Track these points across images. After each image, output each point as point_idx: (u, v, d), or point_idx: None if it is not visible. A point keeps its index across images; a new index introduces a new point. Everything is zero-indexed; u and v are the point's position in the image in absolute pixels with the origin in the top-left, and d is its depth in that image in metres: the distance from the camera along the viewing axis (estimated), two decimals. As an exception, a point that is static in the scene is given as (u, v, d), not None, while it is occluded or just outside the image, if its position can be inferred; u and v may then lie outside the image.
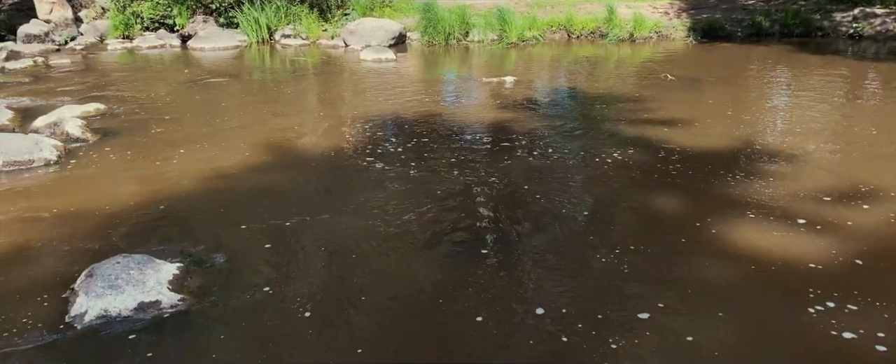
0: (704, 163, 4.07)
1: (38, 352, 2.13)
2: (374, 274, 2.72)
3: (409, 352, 2.16)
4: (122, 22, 11.12)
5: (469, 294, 2.51)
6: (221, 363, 2.09)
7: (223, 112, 6.01)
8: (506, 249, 2.94)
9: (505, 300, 2.46)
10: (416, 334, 2.27)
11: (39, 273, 2.75)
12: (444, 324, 2.32)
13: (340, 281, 2.67)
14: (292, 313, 2.39)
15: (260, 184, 3.90)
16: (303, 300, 2.48)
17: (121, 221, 3.32)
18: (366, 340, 2.23)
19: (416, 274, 2.71)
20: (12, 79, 7.77)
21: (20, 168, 4.17)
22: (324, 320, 2.34)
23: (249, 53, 10.14)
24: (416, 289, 2.58)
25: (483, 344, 2.19)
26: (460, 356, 2.14)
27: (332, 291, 2.57)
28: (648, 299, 2.43)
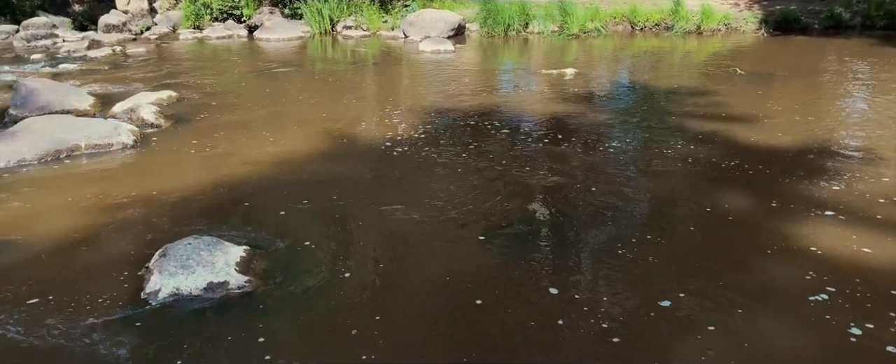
0: (775, 161, 3.91)
1: (117, 325, 2.25)
2: (429, 263, 2.75)
3: (465, 346, 2.17)
4: (194, 13, 11.58)
5: (522, 287, 2.50)
6: (284, 343, 2.16)
7: (286, 101, 6.17)
8: (562, 244, 2.91)
9: (560, 295, 2.44)
10: (470, 326, 2.29)
11: (118, 251, 2.91)
12: (496, 315, 2.33)
13: (395, 268, 2.71)
14: (349, 298, 2.44)
15: (320, 170, 3.99)
16: (359, 286, 2.54)
17: (190, 204, 3.47)
18: (417, 327, 2.26)
19: (470, 265, 2.72)
20: (93, 66, 8.22)
21: (100, 151, 4.42)
22: (378, 306, 2.39)
23: (312, 44, 10.37)
24: (471, 280, 2.59)
25: (536, 341, 2.18)
26: (511, 350, 2.13)
27: (387, 278, 2.61)
28: (710, 304, 2.36)
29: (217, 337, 2.19)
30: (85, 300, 2.43)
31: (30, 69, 8.00)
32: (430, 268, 2.70)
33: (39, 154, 4.20)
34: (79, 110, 5.48)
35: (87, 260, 2.82)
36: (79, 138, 4.41)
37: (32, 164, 4.11)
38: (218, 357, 2.09)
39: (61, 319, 2.29)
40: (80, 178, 3.93)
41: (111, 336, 2.19)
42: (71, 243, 2.98)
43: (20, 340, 2.17)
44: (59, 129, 4.45)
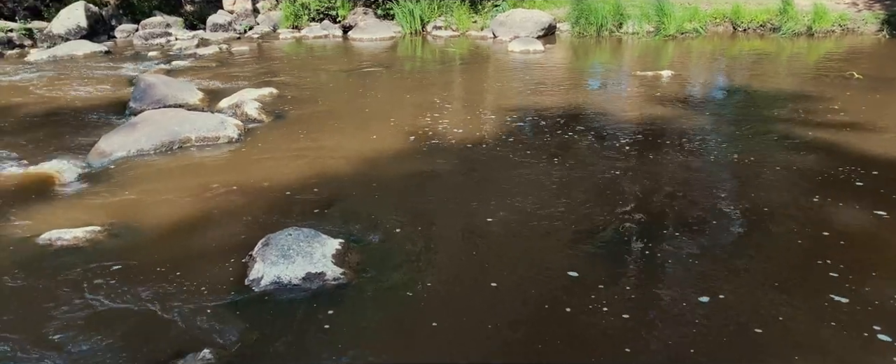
0: (893, 174, 3.60)
1: (224, 308, 2.40)
2: (515, 265, 2.74)
3: (550, 351, 2.15)
4: (293, 13, 12.10)
5: (607, 294, 2.44)
6: (374, 335, 2.23)
7: (376, 99, 6.33)
8: (651, 253, 2.82)
9: (647, 306, 2.36)
10: (554, 332, 2.26)
11: (224, 238, 3.09)
12: (581, 320, 2.28)
13: (480, 269, 2.72)
14: (435, 295, 2.49)
15: (409, 168, 4.07)
16: (445, 284, 2.57)
17: (288, 196, 3.64)
18: (499, 329, 2.26)
19: (558, 269, 2.69)
20: (202, 63, 8.78)
21: (208, 143, 4.72)
22: (462, 305, 2.41)
23: (403, 44, 10.58)
24: (558, 284, 2.56)
25: (621, 348, 2.12)
26: (592, 355, 2.09)
27: (473, 279, 2.63)
28: (810, 327, 2.20)
29: (314, 325, 2.29)
30: (195, 282, 2.60)
31: (147, 66, 8.66)
32: (515, 270, 2.69)
33: (156, 145, 4.55)
34: (189, 105, 5.87)
35: (196, 244, 3.02)
36: (190, 131, 4.73)
37: (150, 154, 4.45)
38: (314, 344, 2.18)
39: (175, 299, 2.47)
40: (191, 169, 4.21)
41: (219, 318, 2.33)
42: (182, 228, 3.20)
43: (137, 317, 2.36)
44: (173, 122, 4.80)
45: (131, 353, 2.12)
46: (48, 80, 7.52)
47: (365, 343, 2.18)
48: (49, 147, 4.66)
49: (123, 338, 2.21)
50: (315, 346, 2.17)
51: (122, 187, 3.79)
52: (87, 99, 6.47)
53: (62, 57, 9.34)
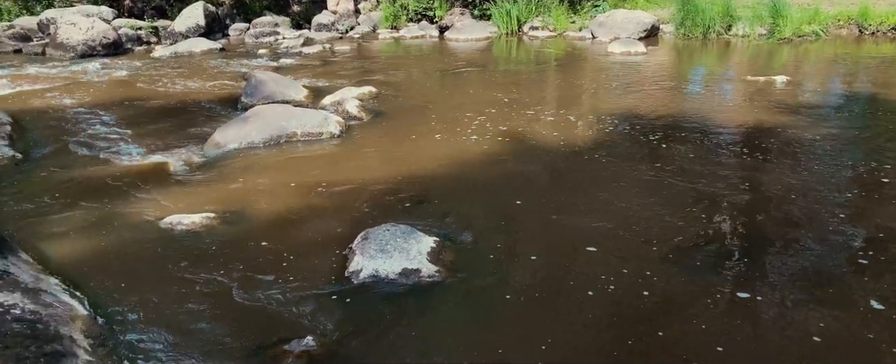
0: None
1: (325, 298, 2.51)
2: (607, 274, 2.67)
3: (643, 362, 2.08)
4: (392, 13, 12.42)
5: (700, 315, 2.32)
6: (465, 333, 2.25)
7: (471, 99, 6.37)
8: (749, 272, 2.65)
9: (743, 330, 2.22)
10: (648, 340, 2.18)
11: (324, 230, 3.23)
12: (672, 340, 2.18)
13: (572, 275, 2.66)
14: (526, 299, 2.47)
15: (501, 170, 4.07)
16: (536, 288, 2.55)
17: (385, 192, 3.74)
18: (587, 338, 2.20)
19: (648, 281, 2.59)
20: (306, 62, 9.20)
21: (312, 139, 4.93)
22: (552, 312, 2.38)
23: (498, 44, 10.58)
24: (646, 297, 2.47)
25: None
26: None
27: (564, 285, 2.59)
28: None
29: (409, 319, 2.34)
30: (299, 271, 2.73)
31: (256, 63, 9.19)
32: (607, 279, 2.62)
33: (264, 138, 4.81)
34: (295, 101, 6.17)
35: (300, 235, 3.17)
36: (295, 126, 4.97)
37: (259, 147, 4.72)
38: (409, 338, 2.23)
39: (280, 286, 2.61)
40: (296, 162, 4.42)
41: (320, 307, 2.44)
42: (287, 218, 3.37)
43: (247, 301, 2.51)
44: (281, 117, 5.06)
45: (242, 334, 2.26)
46: (170, 74, 8.15)
47: (458, 341, 2.21)
48: (170, 137, 5.05)
49: (235, 319, 2.36)
50: (410, 341, 2.21)
51: (234, 177, 4.05)
52: (204, 93, 6.95)
53: (182, 53, 10.08)
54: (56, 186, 3.88)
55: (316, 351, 2.12)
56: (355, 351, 2.17)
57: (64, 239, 3.12)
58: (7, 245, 2.51)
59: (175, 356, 2.13)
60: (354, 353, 2.16)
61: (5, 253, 2.42)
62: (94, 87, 7.37)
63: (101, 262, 2.86)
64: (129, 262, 2.85)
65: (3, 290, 2.04)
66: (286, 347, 2.12)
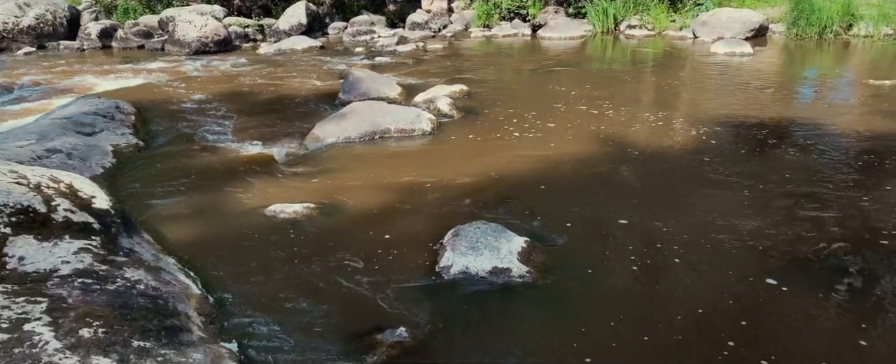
0: None
1: (416, 291, 2.57)
2: (700, 282, 2.55)
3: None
4: (485, 12, 12.45)
5: (806, 334, 2.16)
6: (558, 336, 2.22)
7: (562, 99, 6.27)
8: (863, 292, 2.43)
9: (852, 355, 2.05)
10: (748, 348, 2.06)
11: (415, 224, 3.29)
12: (771, 358, 2.05)
13: (665, 285, 2.57)
14: (615, 306, 2.41)
15: (592, 172, 3.99)
16: (627, 295, 2.48)
17: (475, 190, 3.76)
18: (683, 342, 2.11)
19: (745, 293, 2.44)
20: (400, 60, 9.41)
21: (405, 135, 5.04)
22: (641, 321, 2.30)
23: (593, 43, 10.35)
24: (744, 310, 2.33)
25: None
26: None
27: (656, 292, 2.50)
28: None
29: (499, 318, 2.35)
30: (391, 263, 2.81)
31: (353, 60, 9.50)
32: (704, 289, 2.51)
33: (361, 134, 4.97)
34: (390, 98, 6.32)
35: (392, 228, 3.25)
36: (390, 123, 5.10)
37: (355, 142, 4.88)
38: (499, 337, 2.23)
39: (374, 277, 2.69)
40: (389, 157, 4.54)
41: (412, 299, 2.49)
42: (381, 212, 3.47)
43: (343, 290, 2.61)
44: (376, 114, 5.21)
45: (338, 320, 2.36)
46: (273, 70, 8.59)
47: (547, 343, 2.19)
48: (273, 130, 5.32)
49: (332, 305, 2.46)
50: (500, 340, 2.22)
51: (331, 170, 4.21)
52: (304, 88, 7.28)
53: (285, 50, 10.59)
54: (172, 172, 4.20)
55: (408, 343, 2.17)
56: (446, 345, 2.20)
57: (178, 221, 3.37)
58: (132, 225, 2.74)
59: (277, 337, 2.25)
60: (445, 348, 2.19)
61: (131, 233, 2.65)
62: (205, 81, 7.90)
63: (210, 244, 3.07)
64: (236, 246, 3.04)
65: (129, 267, 2.23)
66: (380, 336, 2.19)
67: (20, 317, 1.68)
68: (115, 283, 2.05)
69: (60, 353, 1.56)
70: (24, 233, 2.18)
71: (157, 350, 1.74)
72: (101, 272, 2.09)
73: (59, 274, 2.00)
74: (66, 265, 2.07)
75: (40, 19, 11.63)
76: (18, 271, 1.96)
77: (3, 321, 1.63)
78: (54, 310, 1.75)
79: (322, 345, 2.20)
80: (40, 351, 1.55)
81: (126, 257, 2.33)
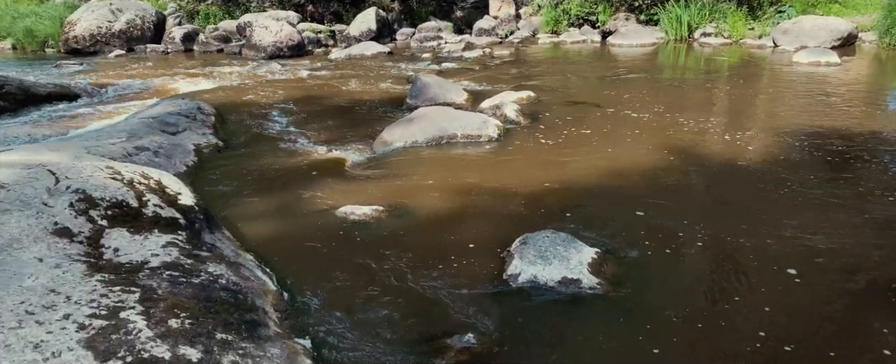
0: None
1: (483, 298, 2.56)
2: (785, 303, 2.42)
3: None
4: (553, 18, 12.36)
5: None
6: (628, 351, 2.16)
7: (634, 107, 6.13)
8: None
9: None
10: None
11: (481, 231, 3.29)
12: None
13: (745, 304, 2.45)
14: (689, 326, 2.31)
15: (662, 183, 3.87)
16: (704, 313, 2.38)
17: (542, 197, 3.72)
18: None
19: (833, 317, 2.30)
20: (467, 65, 9.46)
21: (471, 141, 5.06)
22: (718, 339, 2.20)
23: (665, 51, 10.07)
24: (831, 336, 2.19)
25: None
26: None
27: (734, 312, 2.39)
28: None
29: (568, 329, 2.31)
30: (458, 269, 2.82)
31: (420, 66, 9.62)
32: (789, 311, 2.38)
33: (428, 139, 5.02)
34: (456, 104, 6.36)
35: (459, 233, 3.27)
36: (457, 128, 5.13)
37: (422, 147, 4.94)
38: (568, 348, 2.20)
39: (442, 281, 2.70)
40: (456, 163, 4.56)
41: (479, 306, 2.49)
42: (447, 217, 3.49)
43: (411, 293, 2.64)
44: (443, 119, 5.25)
45: (406, 323, 2.38)
46: (343, 75, 8.81)
47: (617, 357, 2.14)
48: (343, 133, 5.46)
49: (400, 308, 2.49)
50: (569, 351, 2.19)
51: (399, 174, 4.27)
52: (373, 93, 7.42)
53: (355, 55, 10.85)
54: (248, 172, 4.37)
55: (476, 349, 2.17)
56: (514, 354, 2.19)
57: (254, 219, 3.50)
58: (213, 222, 2.87)
59: (348, 336, 2.29)
60: (513, 357, 2.17)
61: (212, 229, 2.77)
62: (279, 84, 8.19)
63: (285, 242, 3.17)
64: (309, 245, 3.13)
65: (212, 262, 2.34)
66: (448, 342, 2.20)
67: (116, 305, 1.78)
68: (199, 277, 2.15)
69: (151, 341, 1.65)
70: (118, 225, 2.32)
71: (238, 343, 1.81)
72: (186, 266, 2.20)
73: (150, 266, 2.11)
74: (156, 258, 2.18)
75: (130, 24, 12.37)
76: (114, 262, 2.09)
77: (101, 308, 1.74)
78: (146, 300, 1.85)
79: (391, 346, 2.23)
80: (134, 338, 1.64)
81: (209, 252, 2.44)
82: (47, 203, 2.29)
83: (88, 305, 1.74)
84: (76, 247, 2.10)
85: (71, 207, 2.31)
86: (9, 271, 1.85)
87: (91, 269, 1.98)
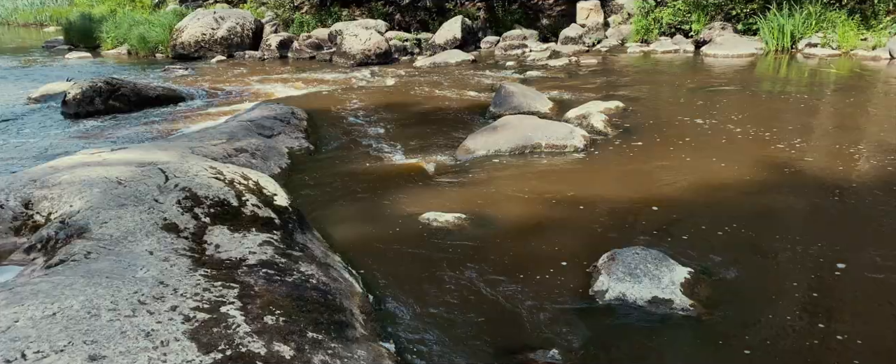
0: None
1: (567, 313, 2.50)
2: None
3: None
4: (643, 27, 11.99)
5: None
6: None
7: (724, 120, 5.83)
8: None
9: None
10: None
11: (565, 244, 3.22)
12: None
13: (854, 336, 2.25)
14: (795, 354, 2.15)
15: (759, 202, 3.64)
16: (807, 343, 2.20)
17: (629, 212, 3.60)
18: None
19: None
20: (552, 74, 9.35)
21: (556, 151, 4.98)
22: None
23: (764, 62, 9.54)
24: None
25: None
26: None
27: (846, 348, 2.20)
28: None
29: (658, 352, 2.22)
30: (541, 282, 2.77)
31: (504, 74, 9.60)
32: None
33: (511, 147, 4.99)
34: (541, 113, 6.30)
35: (541, 245, 3.22)
36: (541, 138, 5.07)
37: (505, 155, 4.91)
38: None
39: (524, 294, 2.67)
40: (539, 173, 4.51)
41: (563, 321, 2.44)
42: (530, 228, 3.44)
43: (493, 303, 2.62)
44: (528, 128, 5.20)
45: (489, 334, 2.37)
46: (428, 82, 8.93)
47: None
48: (427, 140, 5.52)
49: (483, 318, 2.48)
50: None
51: (482, 182, 4.27)
52: (456, 101, 7.48)
53: (439, 63, 10.98)
54: (336, 175, 4.51)
55: None
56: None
57: (341, 221, 3.60)
58: (305, 223, 2.98)
59: (431, 343, 2.30)
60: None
61: (304, 230, 2.87)
62: (367, 91, 8.42)
63: (369, 245, 3.24)
64: (393, 249, 3.18)
65: (303, 262, 2.42)
66: (532, 356, 2.16)
67: (217, 299, 1.88)
68: (292, 276, 2.23)
69: (249, 336, 1.72)
70: (219, 223, 2.45)
71: (327, 343, 1.86)
72: (280, 264, 2.29)
73: (247, 263, 2.21)
74: (253, 255, 2.28)
75: (231, 31, 13.12)
76: (215, 257, 2.20)
77: (204, 302, 1.84)
78: (244, 296, 1.94)
79: (474, 356, 2.22)
80: (233, 332, 1.72)
81: (300, 252, 2.52)
82: (158, 200, 2.46)
83: (193, 298, 1.84)
84: (182, 242, 2.24)
85: (178, 204, 2.46)
86: (124, 262, 1.99)
87: (195, 263, 2.10)
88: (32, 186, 2.61)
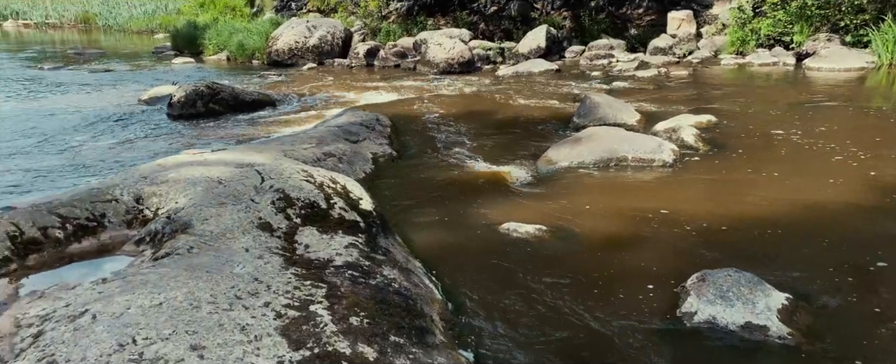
0: None
1: (654, 334, 2.42)
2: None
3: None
4: (740, 38, 11.43)
5: None
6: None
7: (830, 138, 5.44)
8: None
9: None
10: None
11: (650, 262, 3.11)
12: None
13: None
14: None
15: (863, 229, 3.37)
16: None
17: (722, 232, 3.43)
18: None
19: None
20: (640, 85, 9.08)
21: (643, 165, 4.83)
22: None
23: (875, 77, 8.85)
24: None
25: None
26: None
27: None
28: None
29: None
30: (625, 300, 2.69)
31: (589, 84, 9.43)
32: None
33: (595, 159, 4.89)
34: (627, 125, 6.13)
35: (625, 262, 3.12)
36: (627, 150, 4.93)
37: (589, 167, 4.81)
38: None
39: (607, 311, 2.60)
40: (625, 187, 4.38)
41: (650, 342, 2.35)
42: (613, 243, 3.35)
43: (573, 320, 2.57)
44: (613, 140, 5.08)
45: (572, 350, 2.32)
46: (510, 92, 8.91)
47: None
48: (508, 150, 5.50)
49: (563, 334, 2.43)
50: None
51: (564, 194, 4.20)
52: (538, 110, 7.41)
53: (522, 73, 10.93)
54: (418, 182, 4.58)
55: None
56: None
57: (422, 228, 3.64)
58: (388, 227, 3.04)
59: (509, 356, 2.29)
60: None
61: (387, 234, 2.93)
62: (449, 99, 8.51)
63: (449, 253, 3.26)
64: (472, 258, 3.19)
65: (386, 266, 2.47)
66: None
67: (306, 298, 1.95)
68: (375, 279, 2.28)
69: (335, 335, 1.77)
70: (309, 224, 2.54)
71: (408, 347, 1.89)
72: (365, 267, 2.35)
73: (334, 264, 2.29)
74: (339, 257, 2.36)
75: (322, 40, 13.65)
76: (305, 257, 2.29)
77: (294, 300, 1.92)
78: (331, 296, 2.00)
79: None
80: (321, 331, 1.77)
81: (383, 256, 2.58)
82: (254, 199, 2.58)
83: (284, 296, 1.92)
84: (275, 241, 2.34)
85: (272, 205, 2.58)
86: (223, 257, 2.11)
87: (287, 262, 2.19)
88: (143, 183, 2.81)
